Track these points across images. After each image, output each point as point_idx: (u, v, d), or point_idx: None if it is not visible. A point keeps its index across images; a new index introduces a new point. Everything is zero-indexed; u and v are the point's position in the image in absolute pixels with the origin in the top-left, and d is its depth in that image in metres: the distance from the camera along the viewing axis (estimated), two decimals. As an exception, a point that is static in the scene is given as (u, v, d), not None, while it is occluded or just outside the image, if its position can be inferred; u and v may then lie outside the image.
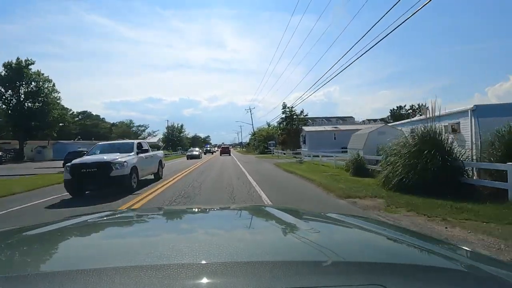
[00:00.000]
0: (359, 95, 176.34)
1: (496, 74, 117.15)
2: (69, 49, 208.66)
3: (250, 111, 63.87)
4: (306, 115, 61.48)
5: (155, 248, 1.00)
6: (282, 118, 64.45)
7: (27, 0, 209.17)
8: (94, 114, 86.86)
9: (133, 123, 56.41)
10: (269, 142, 41.72)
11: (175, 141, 76.88)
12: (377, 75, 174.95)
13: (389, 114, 65.95)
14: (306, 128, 35.72)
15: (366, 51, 11.89)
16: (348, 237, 1.27)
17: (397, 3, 9.00)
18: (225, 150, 52.19)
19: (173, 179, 12.22)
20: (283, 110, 66.12)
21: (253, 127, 65.17)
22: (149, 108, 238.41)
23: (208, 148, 58.13)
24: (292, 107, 57.15)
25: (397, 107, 65.81)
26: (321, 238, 1.18)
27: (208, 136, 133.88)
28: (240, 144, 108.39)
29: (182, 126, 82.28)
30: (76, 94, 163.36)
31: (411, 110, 70.45)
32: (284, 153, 32.34)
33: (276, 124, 62.95)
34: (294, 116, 61.53)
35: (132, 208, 6.94)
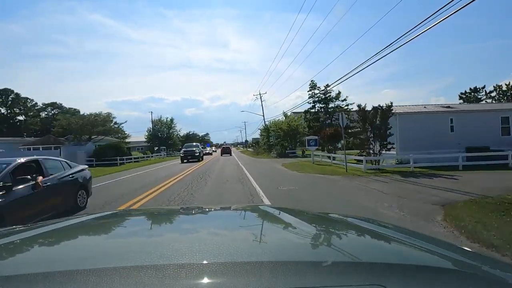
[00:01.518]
0: (362, 94, 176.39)
1: (498, 73, 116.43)
2: (73, 49, 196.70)
3: (260, 98, 42.52)
4: (345, 99, 36.90)
5: (155, 248, 1.04)
6: (310, 103, 41.17)
7: (31, 1, 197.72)
8: (67, 107, 74.31)
9: (112, 116, 46.38)
10: (309, 138, 23.94)
11: (163, 139, 53.83)
12: (380, 74, 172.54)
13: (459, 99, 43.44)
14: (399, 109, 18.41)
15: (383, 56, 11.51)
16: (348, 237, 1.28)
17: (425, 19, 8.85)
18: (225, 150, 51.58)
19: None
20: (310, 92, 42.61)
21: (264, 119, 41.62)
22: (151, 108, 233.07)
23: (193, 149, 32.81)
24: (327, 85, 32.98)
25: (470, 89, 44.21)
26: (321, 238, 1.22)
27: (207, 134, 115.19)
28: (245, 143, 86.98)
29: (172, 120, 60.48)
30: (80, 94, 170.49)
31: (495, 93, 46.28)
32: (331, 158, 20.48)
33: (294, 113, 44.81)
34: (331, 102, 38.33)
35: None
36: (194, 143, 37.57)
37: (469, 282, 0.79)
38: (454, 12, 7.58)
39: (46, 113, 78.51)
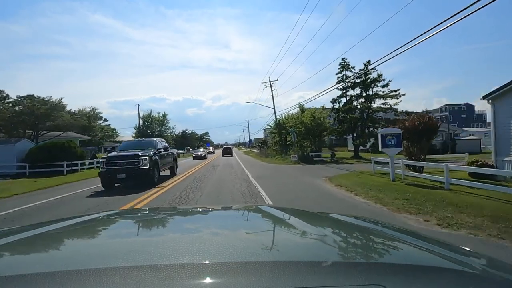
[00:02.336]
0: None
1: (502, 73, 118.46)
2: (75, 50, 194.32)
3: (271, 86, 29.12)
4: (387, 83, 21.46)
5: (155, 248, 1.10)
6: (339, 89, 27.87)
7: (32, 1, 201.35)
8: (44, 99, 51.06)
9: (97, 112, 47.30)
10: (385, 133, 12.02)
11: (154, 137, 39.66)
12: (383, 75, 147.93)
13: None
14: None
15: (395, 56, 11.99)
16: (348, 237, 1.31)
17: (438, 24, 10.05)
18: (227, 151, 50.52)
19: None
20: (340, 75, 30.27)
21: (275, 111, 28.36)
22: (153, 108, 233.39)
23: (134, 155, 13.13)
24: (368, 62, 17.13)
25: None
26: (321, 238, 1.23)
27: (207, 133, 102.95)
28: (249, 142, 76.23)
29: (165, 115, 48.10)
30: (82, 94, 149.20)
31: None
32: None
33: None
34: (369, 88, 24.75)
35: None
36: (155, 139, 16.56)
37: (469, 282, 0.82)
38: (465, 17, 8.54)
39: (21, 107, 67.01)
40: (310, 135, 29.77)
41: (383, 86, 33.21)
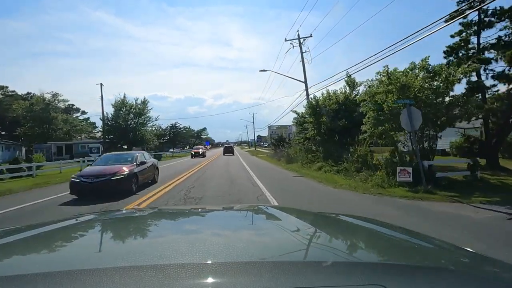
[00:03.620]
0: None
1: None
2: (76, 47, 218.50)
3: (300, 46, 5.21)
4: None
5: (155, 248, 1.10)
6: (465, 27, 1.29)
7: None
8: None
9: (63, 100, 45.17)
10: None
11: (129, 132, 16.65)
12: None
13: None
14: None
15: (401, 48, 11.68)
16: (348, 237, 1.31)
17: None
18: (228, 150, 49.56)
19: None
20: (464, 5, 1.63)
21: (306, 86, 23.56)
22: (154, 106, 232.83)
23: None
24: None
25: None
26: (321, 238, 1.25)
27: (205, 129, 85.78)
28: (257, 140, 58.94)
29: (145, 102, 27.14)
30: (83, 92, 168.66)
31: None
32: None
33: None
34: None
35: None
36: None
37: (469, 282, 0.82)
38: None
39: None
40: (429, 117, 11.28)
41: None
